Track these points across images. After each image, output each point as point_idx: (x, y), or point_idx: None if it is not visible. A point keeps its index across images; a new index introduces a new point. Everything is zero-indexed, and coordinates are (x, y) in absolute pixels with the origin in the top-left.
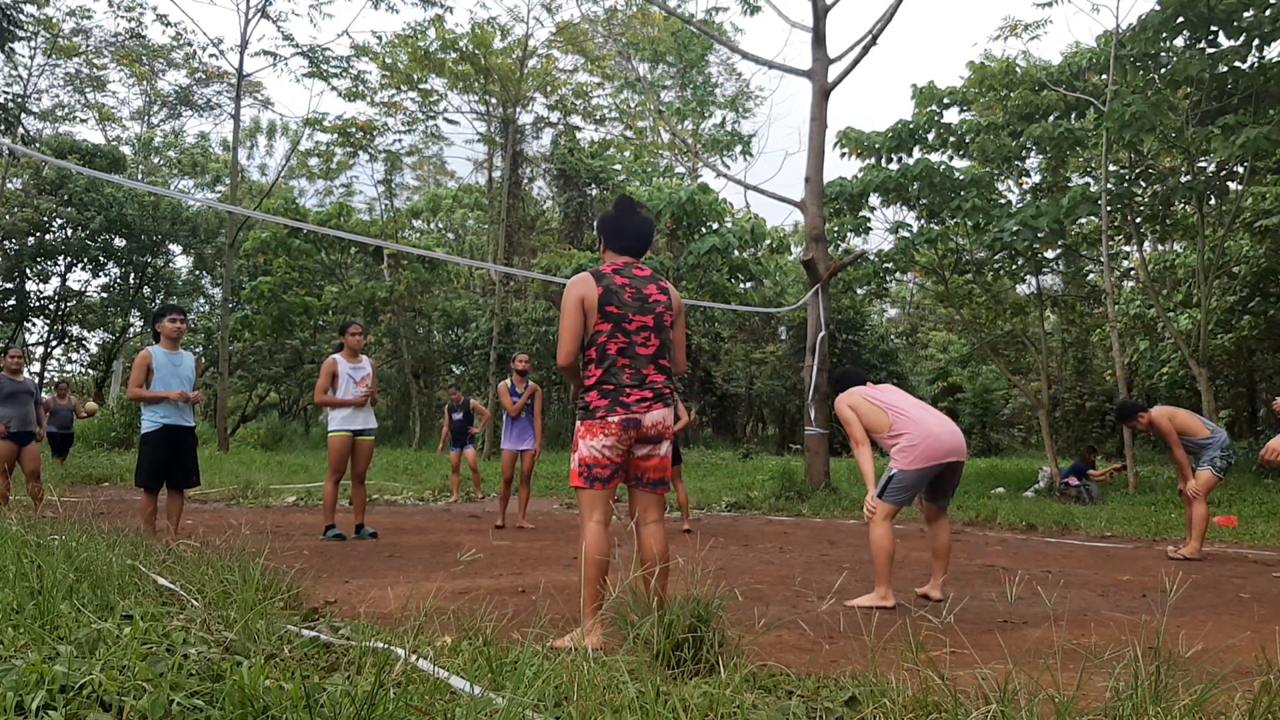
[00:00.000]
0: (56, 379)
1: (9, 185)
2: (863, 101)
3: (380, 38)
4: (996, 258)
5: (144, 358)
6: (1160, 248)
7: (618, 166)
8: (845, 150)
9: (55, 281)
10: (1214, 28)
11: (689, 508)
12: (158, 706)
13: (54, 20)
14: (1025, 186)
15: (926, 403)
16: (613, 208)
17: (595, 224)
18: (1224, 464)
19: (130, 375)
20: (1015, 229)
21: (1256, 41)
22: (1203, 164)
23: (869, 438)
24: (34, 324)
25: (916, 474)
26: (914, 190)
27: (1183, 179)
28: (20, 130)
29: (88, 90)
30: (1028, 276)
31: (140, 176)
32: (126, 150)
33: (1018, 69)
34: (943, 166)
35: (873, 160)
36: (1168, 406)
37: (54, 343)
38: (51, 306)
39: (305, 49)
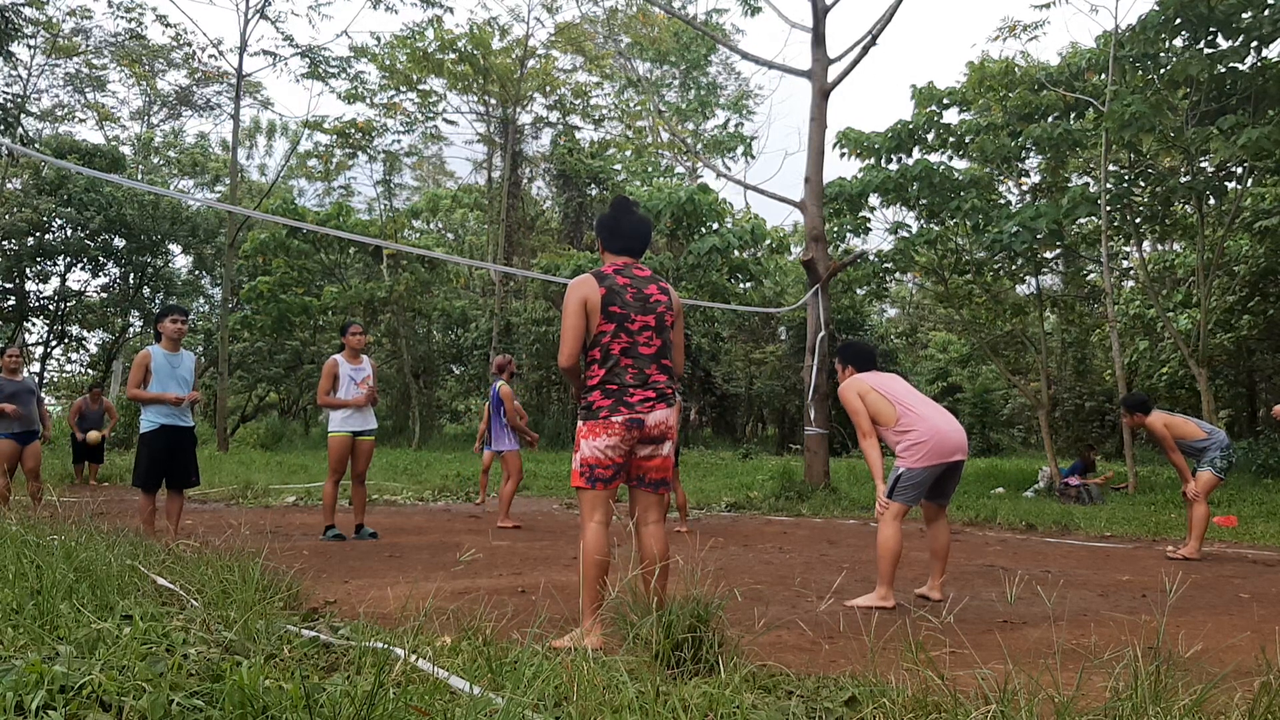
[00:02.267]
0: (90, 382)
1: (9, 185)
2: (863, 101)
3: (379, 39)
4: (996, 258)
5: (143, 357)
6: (1160, 247)
7: (618, 166)
8: (845, 151)
9: (55, 281)
10: (1212, 28)
11: (687, 508)
12: (158, 706)
13: (54, 20)
14: (1025, 187)
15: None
16: (609, 208)
17: (594, 225)
18: (1224, 464)
19: (130, 375)
20: (1014, 230)
21: (1255, 42)
22: (1202, 164)
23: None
24: (34, 324)
25: (925, 471)
26: (913, 191)
27: (1182, 179)
28: (19, 130)
29: (87, 90)
30: (1027, 277)
31: (140, 176)
32: (126, 150)
33: (1017, 69)
34: (942, 167)
35: (872, 161)
36: (1163, 412)
37: (54, 343)
38: (51, 306)
39: (304, 49)
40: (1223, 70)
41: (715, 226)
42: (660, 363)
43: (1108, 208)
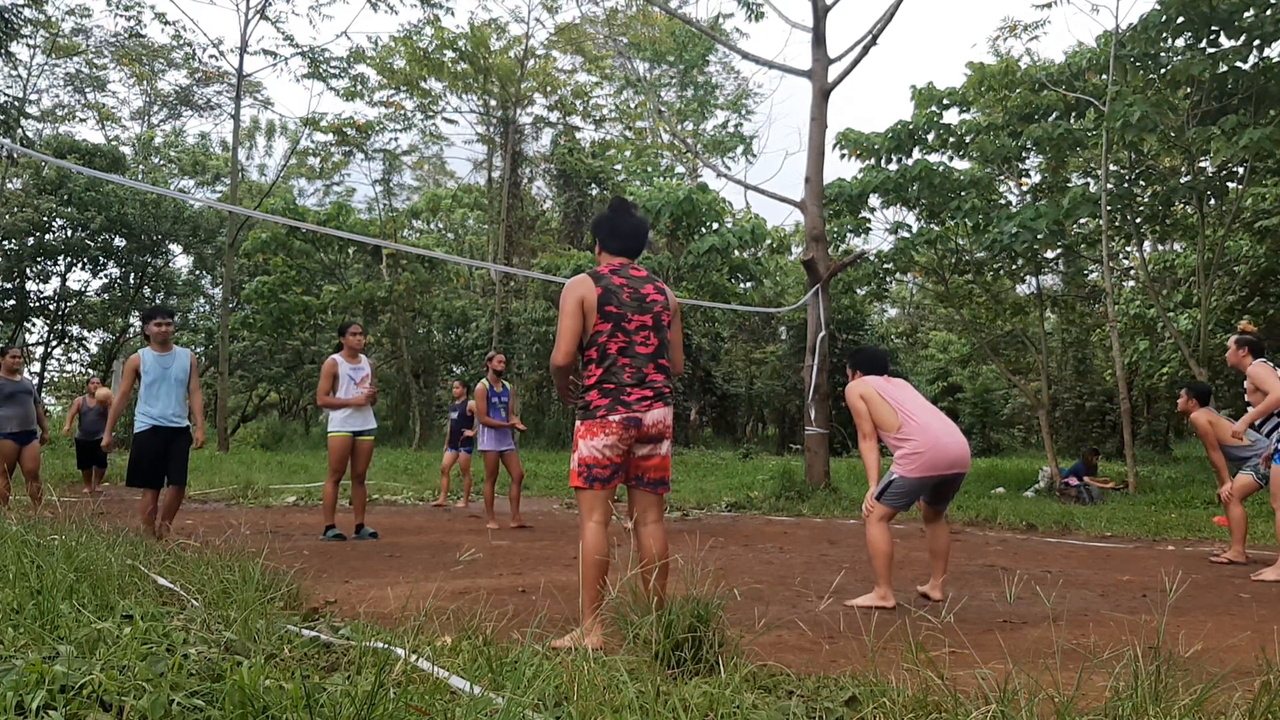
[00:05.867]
0: (87, 377)
1: (9, 185)
2: (863, 101)
3: (376, 42)
4: (996, 258)
5: (133, 361)
6: (1160, 248)
7: (618, 166)
8: (845, 151)
9: (55, 281)
10: (1214, 27)
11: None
12: (158, 706)
13: (53, 20)
14: (1025, 187)
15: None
16: (608, 209)
17: (590, 225)
18: (1266, 470)
19: (122, 380)
20: (1015, 230)
21: (1257, 42)
22: (1203, 164)
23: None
24: (34, 324)
25: (917, 482)
26: (913, 191)
27: (1183, 179)
28: (20, 131)
29: (88, 90)
30: (1027, 277)
31: (140, 176)
32: (126, 150)
33: (1018, 69)
34: (942, 167)
35: (872, 161)
36: (1210, 410)
37: (54, 343)
38: (51, 306)
39: (305, 49)
40: (1224, 70)
41: (715, 226)
42: (657, 362)
43: (1108, 208)
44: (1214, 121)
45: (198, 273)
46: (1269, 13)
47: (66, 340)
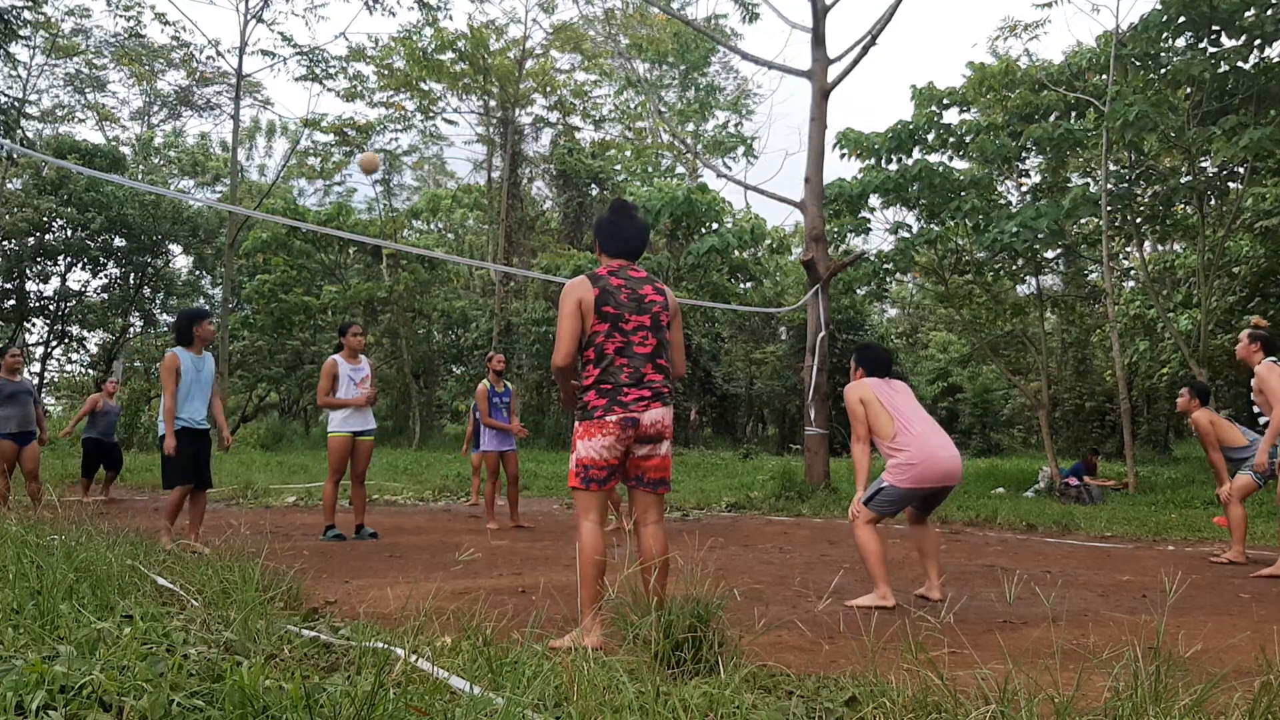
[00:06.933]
0: (103, 378)
1: (9, 185)
2: (863, 101)
3: (376, 42)
4: (996, 258)
5: (172, 362)
6: (1160, 248)
7: (618, 167)
8: (845, 151)
9: (55, 281)
10: (1215, 27)
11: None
12: (158, 706)
13: (53, 20)
14: (1025, 187)
15: (927, 407)
16: (609, 211)
17: (592, 228)
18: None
19: (163, 383)
20: (1015, 230)
21: (1258, 42)
22: (1203, 164)
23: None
24: (34, 324)
25: (907, 492)
26: (913, 191)
27: (1183, 179)
28: (20, 132)
29: (87, 90)
30: (1027, 277)
31: (140, 177)
32: (126, 151)
33: (1018, 69)
34: (942, 167)
35: (872, 161)
36: (1210, 410)
37: (54, 343)
38: (51, 306)
39: (303, 49)
40: (1224, 70)
41: (715, 227)
42: (656, 362)
43: (1108, 208)
44: (1214, 121)
45: (198, 273)
46: (1269, 13)
47: (66, 340)
